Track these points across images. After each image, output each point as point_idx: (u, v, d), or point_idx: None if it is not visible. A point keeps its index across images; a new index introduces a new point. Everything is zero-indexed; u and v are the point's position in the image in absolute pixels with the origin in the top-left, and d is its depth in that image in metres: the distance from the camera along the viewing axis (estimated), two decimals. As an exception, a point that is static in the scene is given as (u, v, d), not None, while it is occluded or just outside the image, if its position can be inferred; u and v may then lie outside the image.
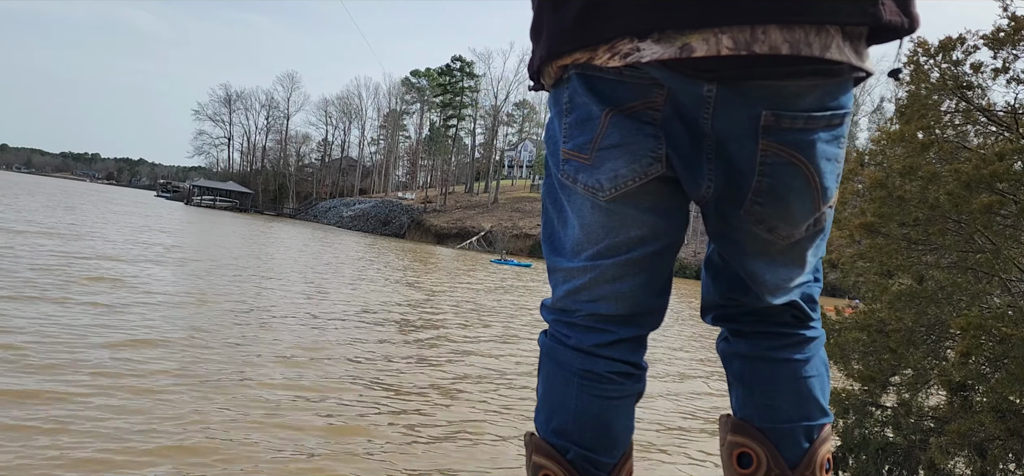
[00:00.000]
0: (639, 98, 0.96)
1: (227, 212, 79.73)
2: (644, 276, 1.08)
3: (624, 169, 0.99)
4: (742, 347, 1.21)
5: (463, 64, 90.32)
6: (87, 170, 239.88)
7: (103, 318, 11.78)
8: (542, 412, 1.13)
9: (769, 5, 0.87)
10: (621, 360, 1.10)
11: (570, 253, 1.10)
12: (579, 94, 1.00)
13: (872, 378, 5.86)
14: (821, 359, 1.20)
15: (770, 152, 0.95)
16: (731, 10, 0.87)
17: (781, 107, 0.93)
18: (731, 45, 0.88)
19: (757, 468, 1.15)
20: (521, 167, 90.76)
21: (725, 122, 0.94)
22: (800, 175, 0.97)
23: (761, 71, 0.90)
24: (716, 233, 1.12)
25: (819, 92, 0.93)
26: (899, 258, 5.92)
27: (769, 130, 0.94)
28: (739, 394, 1.21)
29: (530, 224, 61.90)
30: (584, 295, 1.09)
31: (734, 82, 0.92)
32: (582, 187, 1.03)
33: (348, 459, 7.15)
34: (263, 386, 9.20)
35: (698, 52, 0.89)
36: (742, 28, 0.88)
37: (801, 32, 0.88)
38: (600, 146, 0.99)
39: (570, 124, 1.02)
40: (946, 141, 5.93)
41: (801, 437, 1.14)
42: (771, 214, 1.01)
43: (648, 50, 0.91)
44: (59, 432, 6.72)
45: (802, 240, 1.06)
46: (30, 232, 24.61)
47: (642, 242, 1.06)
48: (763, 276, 1.11)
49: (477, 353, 13.44)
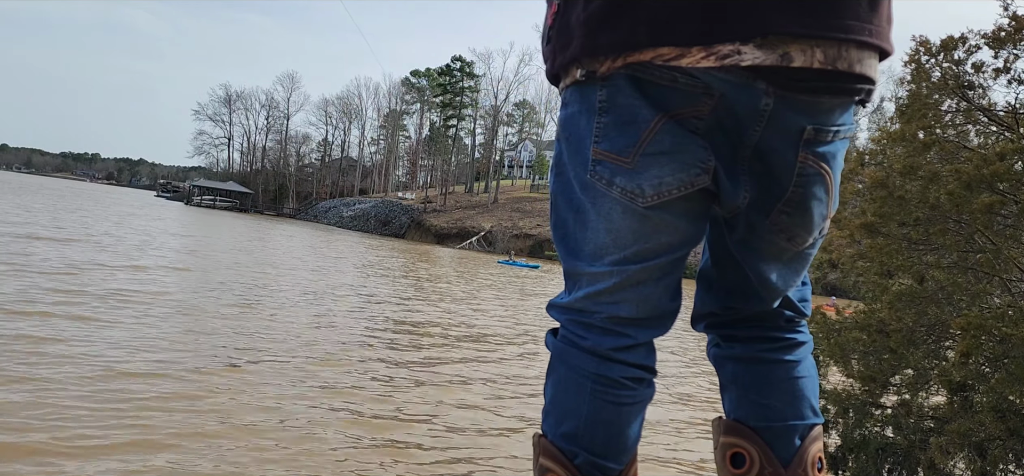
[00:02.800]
0: (687, 105, 0.96)
1: (227, 212, 79.68)
2: (665, 281, 1.08)
3: (670, 177, 0.98)
4: (736, 351, 1.23)
5: (463, 64, 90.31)
6: (87, 170, 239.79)
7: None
8: (552, 416, 1.11)
9: (855, 23, 0.93)
10: (636, 365, 1.10)
11: (590, 256, 1.07)
12: (624, 94, 0.97)
13: (872, 378, 5.86)
14: (811, 362, 1.23)
15: (807, 164, 1.00)
16: (827, 25, 0.92)
17: (820, 122, 0.98)
18: (822, 59, 0.92)
19: (750, 467, 1.16)
20: (521, 167, 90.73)
21: (772, 134, 0.97)
22: (824, 185, 1.03)
23: (815, 86, 0.94)
24: (739, 242, 1.12)
25: (843, 109, 1.00)
26: (899, 258, 5.91)
27: (809, 143, 0.99)
28: (733, 396, 1.23)
29: (530, 224, 61.87)
30: (606, 298, 1.07)
31: (790, 95, 0.95)
32: (618, 191, 1.00)
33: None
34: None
35: (796, 62, 0.91)
36: (832, 43, 0.92)
37: (866, 53, 0.96)
38: (646, 151, 0.98)
39: (607, 124, 0.99)
40: (947, 141, 5.92)
41: (794, 436, 1.16)
42: (794, 223, 1.05)
43: (750, 55, 0.91)
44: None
45: (809, 247, 1.11)
46: (62, 239, 24.54)
47: (671, 248, 1.05)
48: (775, 282, 1.14)
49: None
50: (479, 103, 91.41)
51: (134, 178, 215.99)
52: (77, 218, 36.39)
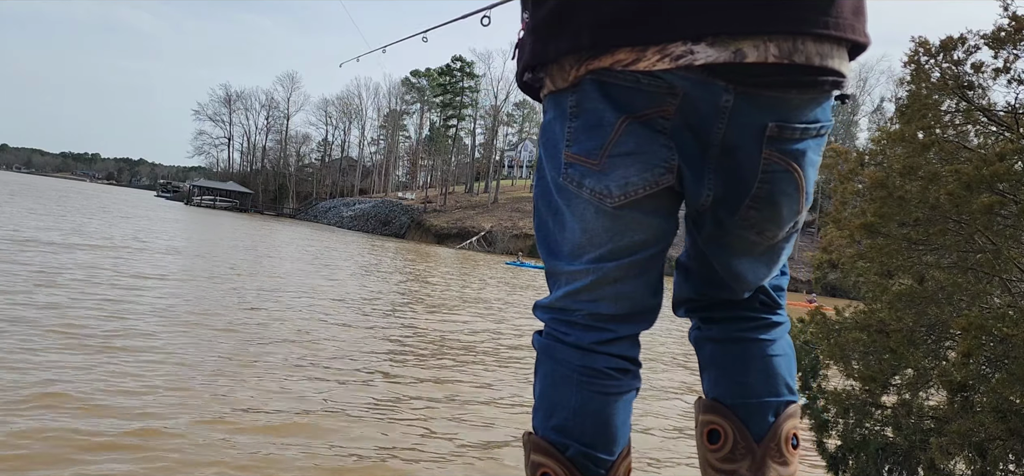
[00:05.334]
0: (652, 106, 0.97)
1: (227, 212, 79.69)
2: (644, 277, 1.10)
3: (635, 177, 1.00)
4: (714, 332, 1.26)
5: (463, 64, 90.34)
6: (87, 170, 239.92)
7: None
8: (541, 410, 1.13)
9: (809, 16, 0.93)
10: (619, 355, 1.12)
11: (568, 256, 1.10)
12: (590, 99, 1.00)
13: (872, 378, 5.85)
14: (788, 342, 1.26)
15: (771, 161, 1.01)
16: (779, 18, 0.92)
17: (784, 119, 0.99)
18: (777, 54, 0.92)
19: (725, 443, 1.19)
20: (521, 167, 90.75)
21: (735, 132, 0.98)
22: (792, 182, 1.04)
23: (774, 81, 0.95)
24: (708, 238, 1.15)
25: (812, 105, 1.00)
26: (899, 258, 5.91)
27: (772, 140, 0.99)
28: (712, 375, 1.26)
29: (530, 224, 61.72)
30: (585, 296, 1.10)
31: (751, 92, 0.96)
32: (588, 192, 1.03)
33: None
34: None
35: (749, 58, 0.92)
36: (786, 38, 0.93)
37: (827, 46, 0.96)
38: (611, 152, 1.00)
39: (577, 128, 1.02)
40: (946, 141, 5.92)
41: (768, 412, 1.19)
42: (763, 218, 1.06)
43: (702, 53, 0.92)
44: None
45: (782, 241, 1.13)
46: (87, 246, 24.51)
47: (644, 245, 1.07)
48: (745, 275, 1.17)
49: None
50: (479, 103, 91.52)
51: (134, 178, 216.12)
52: (103, 223, 35.82)
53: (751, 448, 1.17)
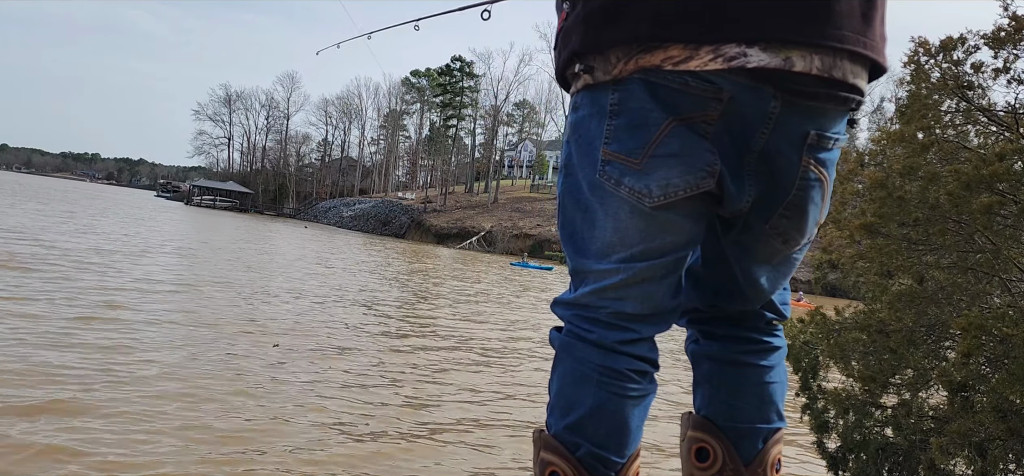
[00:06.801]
0: (697, 110, 0.98)
1: (227, 212, 79.66)
2: (668, 279, 1.11)
3: (677, 178, 1.00)
4: (713, 349, 1.27)
5: (463, 64, 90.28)
6: (87, 170, 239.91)
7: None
8: (557, 408, 1.13)
9: (850, 36, 0.97)
10: (640, 357, 1.12)
11: (597, 255, 1.09)
12: (636, 98, 1.00)
13: (872, 378, 5.85)
14: (783, 369, 1.28)
15: (809, 168, 1.04)
16: (826, 34, 0.95)
17: (821, 128, 1.02)
18: (820, 66, 0.95)
19: (713, 463, 1.21)
20: (521, 167, 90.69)
21: (778, 138, 1.00)
22: (821, 191, 1.07)
23: (815, 92, 0.98)
24: (733, 242, 1.15)
25: (839, 117, 1.04)
26: (899, 258, 5.91)
27: (812, 148, 1.02)
28: (705, 393, 1.27)
29: (530, 224, 61.83)
30: (611, 293, 1.10)
31: (794, 102, 0.98)
32: (626, 191, 1.03)
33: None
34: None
35: (796, 67, 0.94)
36: (829, 53, 0.96)
37: (858, 66, 0.99)
38: (655, 153, 1.00)
39: (618, 127, 1.02)
40: (946, 141, 5.92)
41: (758, 439, 1.22)
42: (791, 226, 1.09)
43: (755, 57, 0.93)
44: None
45: (799, 250, 1.15)
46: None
47: (676, 248, 1.08)
48: (762, 282, 1.18)
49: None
50: (479, 103, 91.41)
51: (134, 178, 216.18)
52: (114, 225, 35.60)
53: (739, 471, 1.20)
